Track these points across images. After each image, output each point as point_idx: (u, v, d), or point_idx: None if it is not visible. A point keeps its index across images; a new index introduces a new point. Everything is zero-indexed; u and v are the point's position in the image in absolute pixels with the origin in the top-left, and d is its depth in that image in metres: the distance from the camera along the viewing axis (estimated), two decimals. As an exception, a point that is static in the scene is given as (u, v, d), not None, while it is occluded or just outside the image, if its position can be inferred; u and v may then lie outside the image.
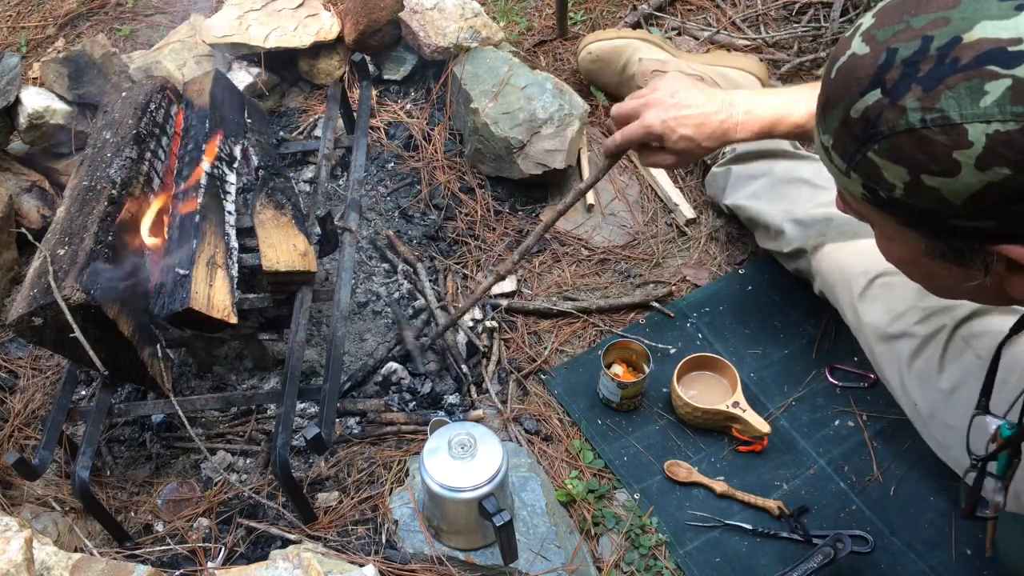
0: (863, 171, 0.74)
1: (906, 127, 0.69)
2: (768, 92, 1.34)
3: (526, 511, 1.37)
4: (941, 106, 0.67)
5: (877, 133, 0.71)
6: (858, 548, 1.38)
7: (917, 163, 0.69)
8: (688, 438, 1.55)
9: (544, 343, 1.71)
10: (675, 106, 1.27)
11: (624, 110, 1.34)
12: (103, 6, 2.39)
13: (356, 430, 1.58)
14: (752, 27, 2.24)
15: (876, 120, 0.71)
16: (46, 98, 1.89)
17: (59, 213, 1.46)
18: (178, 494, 1.53)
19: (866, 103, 0.71)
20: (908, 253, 0.81)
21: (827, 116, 0.77)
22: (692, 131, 1.26)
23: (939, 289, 0.88)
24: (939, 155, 0.67)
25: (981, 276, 0.75)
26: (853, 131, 0.73)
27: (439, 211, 1.91)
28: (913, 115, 0.68)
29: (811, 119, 1.24)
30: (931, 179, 0.69)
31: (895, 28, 0.71)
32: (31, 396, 1.66)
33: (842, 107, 0.74)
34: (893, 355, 1.37)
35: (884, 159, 0.71)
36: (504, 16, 2.29)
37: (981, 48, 0.66)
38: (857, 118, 0.72)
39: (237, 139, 1.72)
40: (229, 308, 1.42)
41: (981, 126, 0.65)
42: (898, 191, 0.72)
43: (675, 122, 1.26)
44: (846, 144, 0.74)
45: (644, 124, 1.28)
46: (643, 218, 1.90)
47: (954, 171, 0.67)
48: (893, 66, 0.70)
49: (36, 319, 1.30)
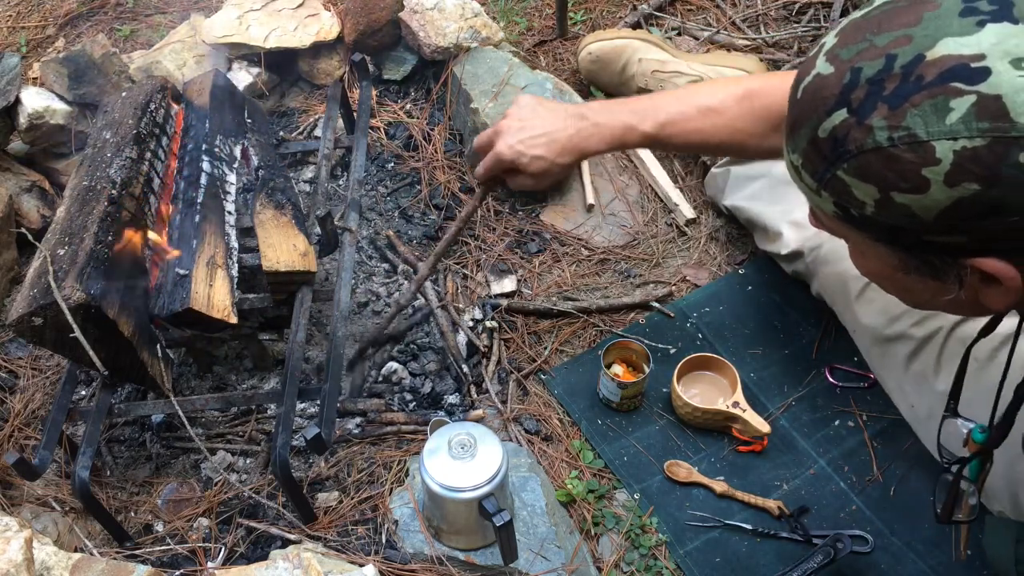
0: (833, 189, 0.74)
1: (873, 146, 0.69)
2: (626, 101, 1.34)
3: (526, 511, 1.37)
4: (907, 124, 0.67)
5: (845, 152, 0.71)
6: (858, 548, 1.38)
7: (886, 181, 0.69)
8: (688, 438, 1.55)
9: (544, 343, 1.71)
10: (521, 130, 1.30)
11: (481, 141, 1.38)
12: (103, 6, 2.39)
13: (356, 430, 1.58)
14: (752, 27, 2.24)
15: (844, 139, 0.71)
16: (46, 98, 1.89)
17: (59, 213, 1.46)
18: (178, 494, 1.53)
19: (833, 123, 0.72)
20: (882, 268, 0.82)
21: (795, 136, 0.77)
22: (543, 151, 1.29)
23: (915, 302, 0.89)
24: (908, 172, 0.68)
25: (956, 290, 0.76)
26: (822, 150, 0.73)
27: (439, 211, 1.91)
28: (880, 134, 0.68)
29: (663, 128, 1.26)
30: (901, 196, 0.69)
31: (858, 47, 0.71)
32: (31, 396, 1.67)
33: (809, 127, 0.74)
34: (890, 357, 1.38)
35: (853, 177, 0.71)
36: (504, 16, 2.29)
37: (944, 65, 0.66)
38: (825, 138, 0.73)
39: (237, 139, 1.72)
40: (229, 308, 1.42)
41: (948, 143, 0.66)
42: (869, 208, 0.72)
43: (523, 146, 1.30)
44: (815, 163, 0.75)
45: (495, 153, 1.33)
46: (643, 218, 1.90)
47: (923, 188, 0.68)
48: (858, 85, 0.70)
49: (36, 319, 1.30)
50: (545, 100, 1.37)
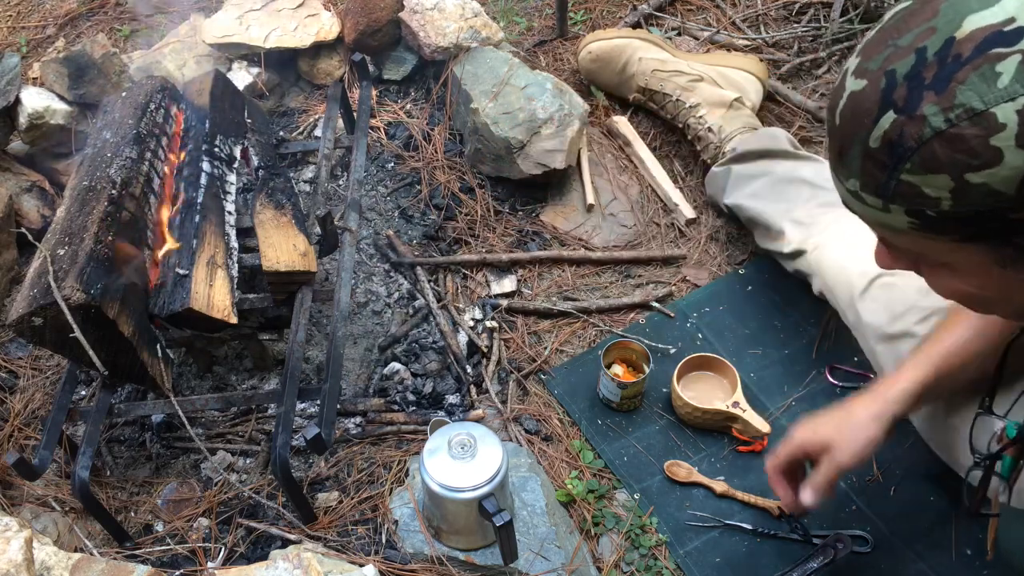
0: (902, 197, 0.71)
1: (932, 133, 0.67)
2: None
3: (526, 511, 1.37)
4: (960, 100, 0.66)
5: (905, 151, 0.69)
6: (858, 548, 1.38)
7: (957, 164, 0.67)
8: (688, 438, 1.55)
9: (544, 343, 1.71)
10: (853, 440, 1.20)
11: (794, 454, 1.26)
12: (103, 6, 2.39)
13: (356, 430, 1.58)
14: (752, 27, 2.24)
15: (899, 139, 0.69)
16: (46, 98, 1.89)
17: (59, 213, 1.46)
18: (178, 494, 1.53)
19: (882, 128, 0.70)
20: (976, 276, 0.77)
21: (845, 160, 0.75)
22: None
23: (1022, 308, 0.82)
24: (976, 147, 0.66)
25: None
26: (879, 159, 0.71)
27: (439, 211, 1.91)
28: (935, 119, 0.67)
29: (919, 380, 1.18)
30: (976, 175, 0.67)
31: (884, 54, 0.71)
32: (31, 396, 1.66)
33: (858, 143, 0.72)
34: (894, 355, 1.37)
35: (920, 174, 0.69)
36: (504, 16, 2.29)
37: (978, 38, 0.66)
38: (878, 146, 0.71)
39: (237, 139, 1.72)
40: (229, 308, 1.42)
41: (1008, 105, 0.64)
42: (945, 202, 0.69)
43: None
44: (875, 176, 0.72)
45: (840, 466, 1.21)
46: (643, 218, 1.90)
47: (996, 159, 0.65)
48: (897, 85, 0.69)
49: (36, 319, 1.30)
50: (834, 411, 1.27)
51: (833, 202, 1.62)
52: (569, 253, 1.83)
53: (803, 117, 2.04)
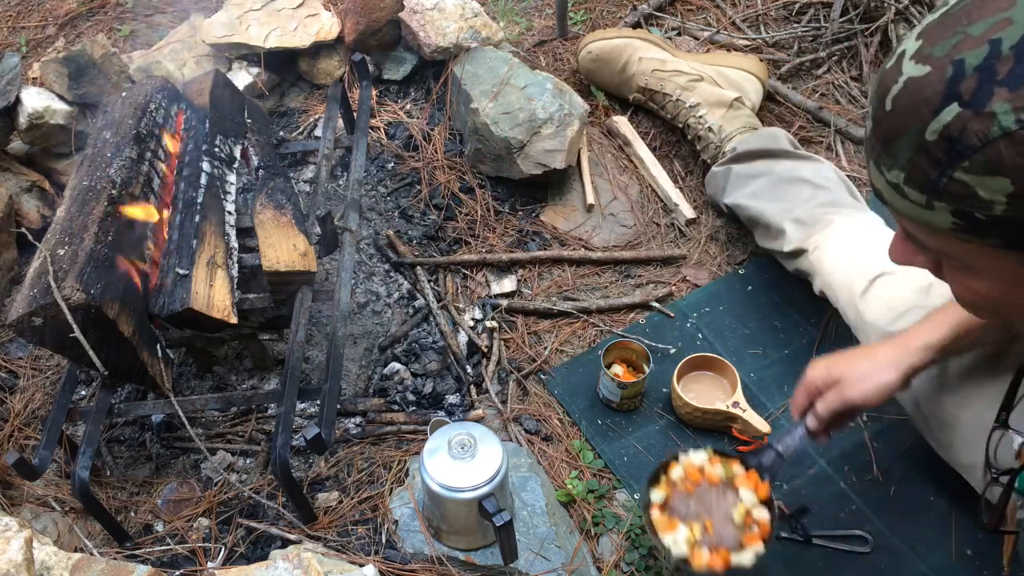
0: (952, 196, 0.68)
1: (1000, 133, 0.63)
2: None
3: (526, 511, 1.37)
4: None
5: (966, 148, 0.65)
6: (858, 548, 1.38)
7: (1021, 169, 0.63)
8: (688, 438, 1.55)
9: (544, 343, 1.71)
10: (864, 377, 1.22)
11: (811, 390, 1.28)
12: (103, 6, 2.39)
13: (356, 430, 1.58)
14: (752, 27, 2.24)
15: (961, 135, 0.65)
16: (46, 98, 1.89)
17: (59, 213, 1.46)
18: (178, 494, 1.53)
19: (943, 121, 0.66)
20: (1000, 283, 0.75)
21: (892, 150, 0.71)
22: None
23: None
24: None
25: None
26: (933, 155, 0.67)
27: (439, 211, 1.91)
28: (1005, 118, 0.63)
29: (947, 335, 1.19)
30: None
31: (952, 40, 0.66)
32: (31, 396, 1.66)
33: (912, 134, 0.68)
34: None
35: (978, 174, 0.65)
36: (504, 16, 2.29)
37: None
38: (936, 140, 0.67)
39: (237, 139, 1.72)
40: (229, 308, 1.42)
41: None
42: (999, 207, 0.66)
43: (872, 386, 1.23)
44: (926, 172, 0.68)
45: (847, 400, 1.23)
46: (643, 218, 1.90)
47: None
48: (965, 76, 0.65)
49: (36, 319, 1.30)
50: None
51: (834, 201, 1.64)
52: (569, 253, 1.83)
53: (803, 117, 2.04)
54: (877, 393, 1.19)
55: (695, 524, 1.24)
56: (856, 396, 1.20)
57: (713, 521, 1.24)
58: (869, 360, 1.21)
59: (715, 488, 1.27)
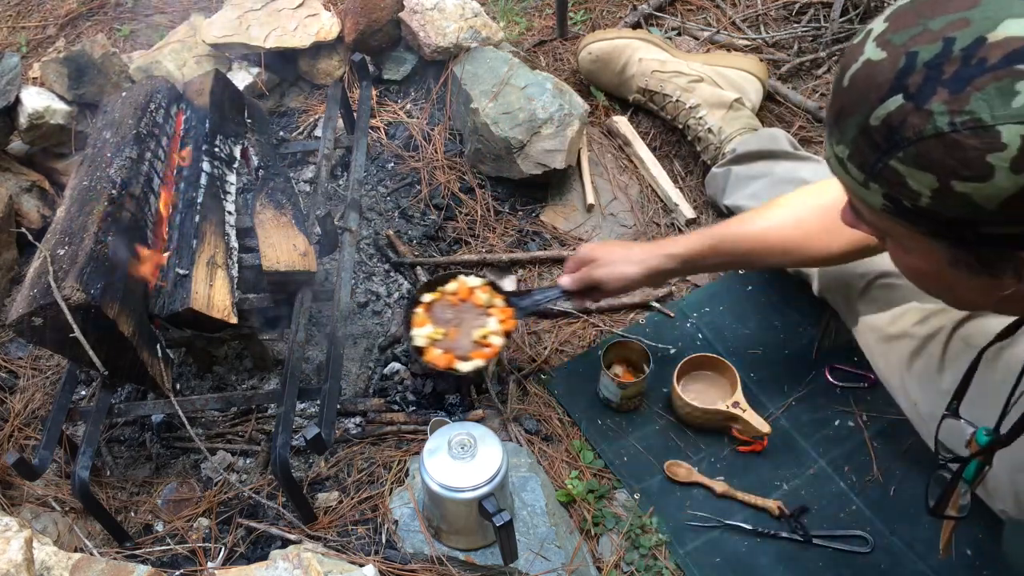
0: (885, 180, 0.71)
1: (934, 132, 0.66)
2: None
3: (526, 511, 1.37)
4: (971, 108, 0.64)
5: (902, 140, 0.68)
6: (858, 548, 1.38)
7: (947, 168, 0.66)
8: (688, 438, 1.55)
9: (544, 343, 1.71)
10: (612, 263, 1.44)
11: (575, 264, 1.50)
12: (103, 6, 2.39)
13: (356, 430, 1.58)
14: (752, 27, 2.24)
15: (900, 126, 0.68)
16: (46, 98, 1.89)
17: (59, 213, 1.46)
18: (178, 494, 1.53)
19: (887, 109, 0.69)
20: (927, 265, 0.78)
21: (841, 125, 0.74)
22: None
23: (960, 301, 0.84)
24: (971, 159, 0.65)
25: (1015, 284, 0.72)
26: (874, 139, 0.70)
27: (439, 211, 1.91)
28: (941, 119, 0.66)
29: (694, 250, 1.37)
30: (962, 185, 0.66)
31: (912, 31, 0.69)
32: (31, 396, 1.67)
33: (860, 115, 0.71)
34: (893, 355, 1.37)
35: (910, 166, 0.68)
36: (504, 16, 2.29)
37: (1009, 47, 0.64)
38: (878, 125, 0.69)
39: (237, 139, 1.72)
40: (229, 308, 1.42)
41: (1015, 127, 0.63)
42: (924, 199, 0.69)
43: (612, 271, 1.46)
44: (865, 153, 0.72)
45: (592, 277, 1.45)
46: (643, 218, 1.90)
47: (987, 175, 0.65)
48: (915, 70, 0.67)
49: (36, 319, 1.30)
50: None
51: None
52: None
53: (803, 117, 2.04)
54: (616, 280, 1.40)
55: (441, 328, 1.50)
56: (600, 276, 1.41)
57: (458, 332, 1.50)
58: (623, 252, 1.41)
59: (475, 309, 1.53)
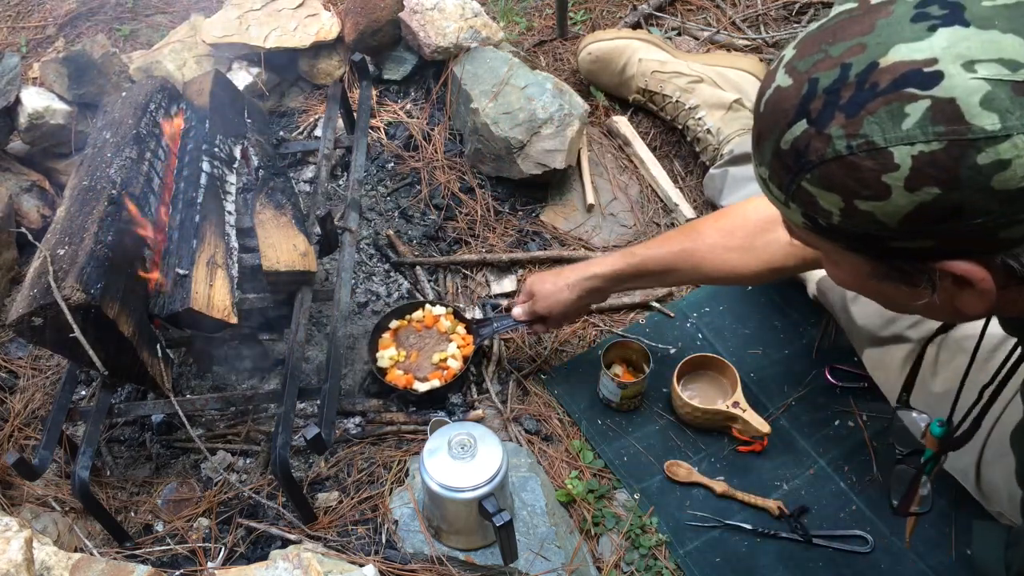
0: (800, 200, 0.74)
1: (833, 155, 0.69)
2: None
3: (526, 511, 1.37)
4: (865, 131, 0.67)
5: (807, 163, 0.71)
6: (858, 548, 1.38)
7: (848, 189, 0.69)
8: (688, 438, 1.55)
9: (544, 343, 1.71)
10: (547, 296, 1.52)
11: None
12: (103, 6, 2.39)
13: (356, 430, 1.58)
14: (752, 27, 2.24)
15: (805, 150, 0.71)
16: (46, 98, 1.89)
17: (59, 213, 1.46)
18: (178, 494, 1.53)
19: (794, 134, 0.72)
20: (855, 276, 0.82)
21: (761, 148, 0.77)
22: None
23: (893, 307, 0.89)
24: (868, 180, 0.68)
25: (929, 294, 0.75)
26: (785, 162, 0.74)
27: (439, 211, 1.91)
28: (839, 143, 0.69)
29: (617, 269, 1.45)
30: (864, 203, 0.69)
31: (815, 58, 0.72)
32: (31, 396, 1.66)
33: (772, 139, 0.75)
34: (886, 358, 1.38)
35: (817, 187, 0.72)
36: (504, 16, 2.29)
37: (897, 71, 0.66)
38: (787, 149, 0.73)
39: (237, 139, 1.72)
40: (229, 308, 1.42)
41: (906, 148, 0.66)
42: (835, 217, 0.72)
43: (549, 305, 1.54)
44: (781, 175, 0.75)
45: (534, 311, 1.54)
46: (643, 218, 1.90)
47: (885, 194, 0.68)
48: (816, 96, 0.70)
49: (36, 319, 1.30)
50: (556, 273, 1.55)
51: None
52: (569, 253, 1.83)
53: (803, 117, 2.04)
54: (556, 308, 1.50)
55: (404, 351, 1.63)
56: (540, 310, 1.51)
57: (419, 355, 1.62)
58: (555, 281, 1.50)
59: (438, 335, 1.65)
